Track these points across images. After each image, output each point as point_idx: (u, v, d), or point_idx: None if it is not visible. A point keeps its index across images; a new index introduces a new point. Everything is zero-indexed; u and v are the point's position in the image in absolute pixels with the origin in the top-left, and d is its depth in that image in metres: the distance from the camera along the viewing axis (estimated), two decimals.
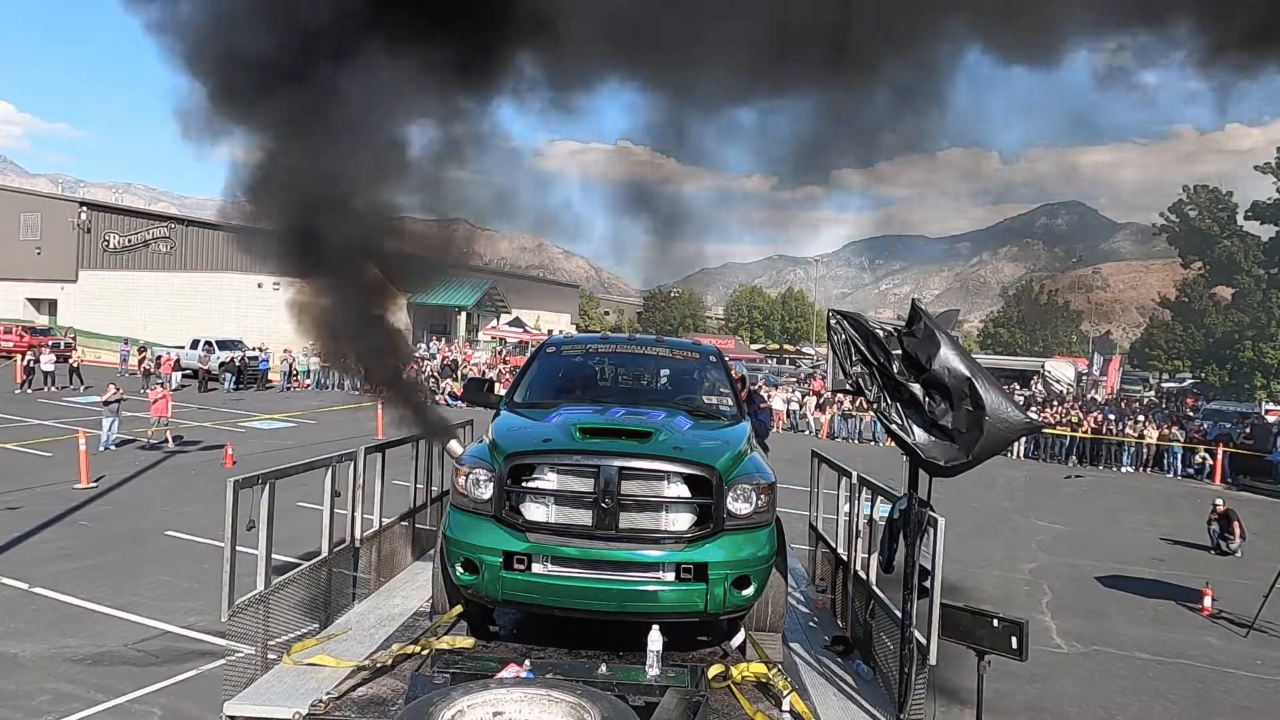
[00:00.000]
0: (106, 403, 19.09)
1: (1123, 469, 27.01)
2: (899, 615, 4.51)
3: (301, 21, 5.85)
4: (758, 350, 75.64)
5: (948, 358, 4.08)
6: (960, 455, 4.09)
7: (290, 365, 36.65)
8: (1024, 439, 26.96)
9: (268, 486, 4.88)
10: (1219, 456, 25.72)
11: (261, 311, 43.42)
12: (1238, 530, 15.26)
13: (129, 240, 50.03)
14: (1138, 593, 12.67)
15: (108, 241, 48.84)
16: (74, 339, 39.77)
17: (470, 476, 4.66)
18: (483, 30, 6.23)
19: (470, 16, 6.09)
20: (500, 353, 47.32)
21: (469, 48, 6.30)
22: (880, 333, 4.31)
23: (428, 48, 6.05)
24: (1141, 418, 29.19)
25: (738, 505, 4.56)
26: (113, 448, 18.93)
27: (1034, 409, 30.66)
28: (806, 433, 30.94)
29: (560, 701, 3.44)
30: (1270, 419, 28.86)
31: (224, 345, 35.79)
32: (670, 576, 4.43)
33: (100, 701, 7.18)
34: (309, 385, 36.52)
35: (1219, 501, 16.03)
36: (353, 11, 5.94)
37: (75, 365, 31.40)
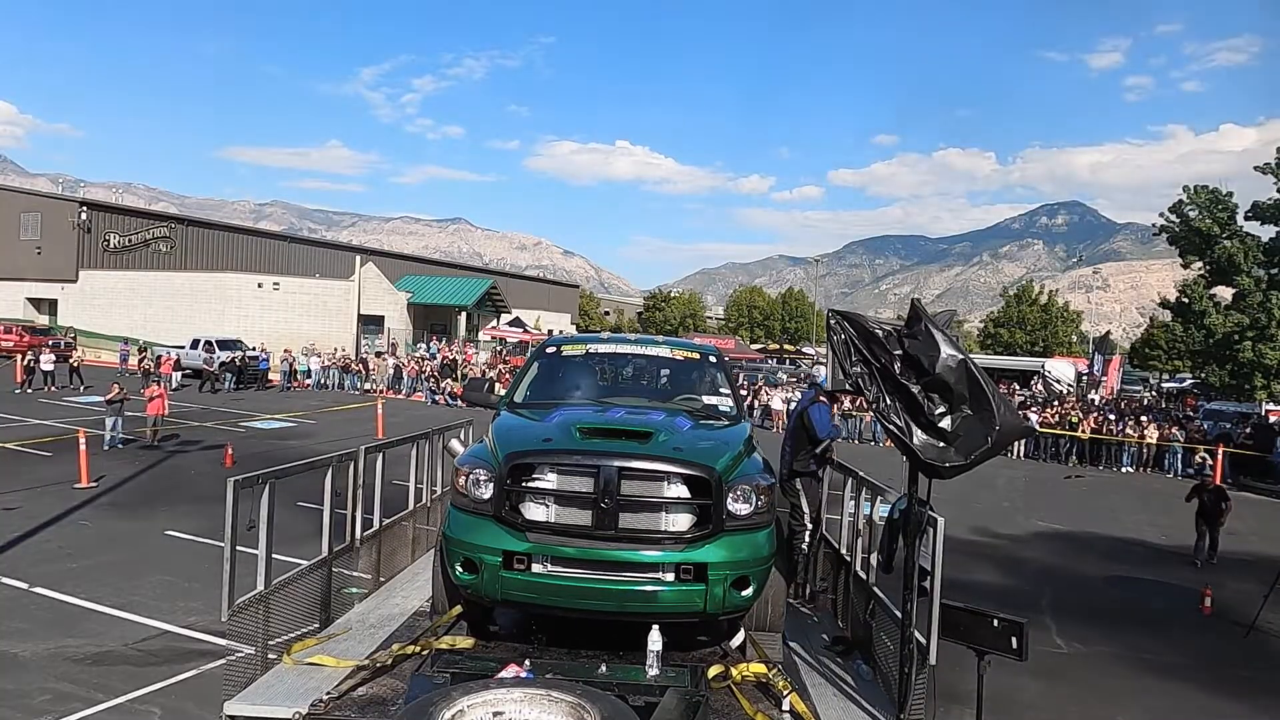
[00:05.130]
0: (110, 402, 19.13)
1: (1123, 469, 27.03)
2: (899, 615, 4.51)
3: None
4: (758, 350, 75.57)
5: (948, 359, 4.08)
6: (959, 457, 4.08)
7: (290, 365, 36.67)
8: (1024, 439, 27.03)
9: (268, 486, 4.89)
10: (1219, 456, 25.73)
11: (261, 311, 43.51)
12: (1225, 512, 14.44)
13: (129, 240, 50.02)
14: (1138, 593, 12.68)
15: (108, 241, 48.83)
16: (74, 339, 39.79)
17: (470, 476, 4.66)
18: None
19: None
20: (500, 353, 47.30)
21: None
22: (880, 333, 4.31)
23: None
24: (1144, 418, 29.19)
25: (737, 506, 4.56)
26: (119, 446, 18.95)
27: (1034, 409, 30.68)
28: None
29: (560, 701, 3.44)
30: (1270, 419, 28.86)
31: (224, 345, 35.80)
32: (670, 577, 4.43)
33: (100, 701, 7.18)
34: (309, 385, 36.55)
35: (1209, 473, 15.96)
36: None
37: (75, 365, 31.41)
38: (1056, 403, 33.40)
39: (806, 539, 6.91)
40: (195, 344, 36.25)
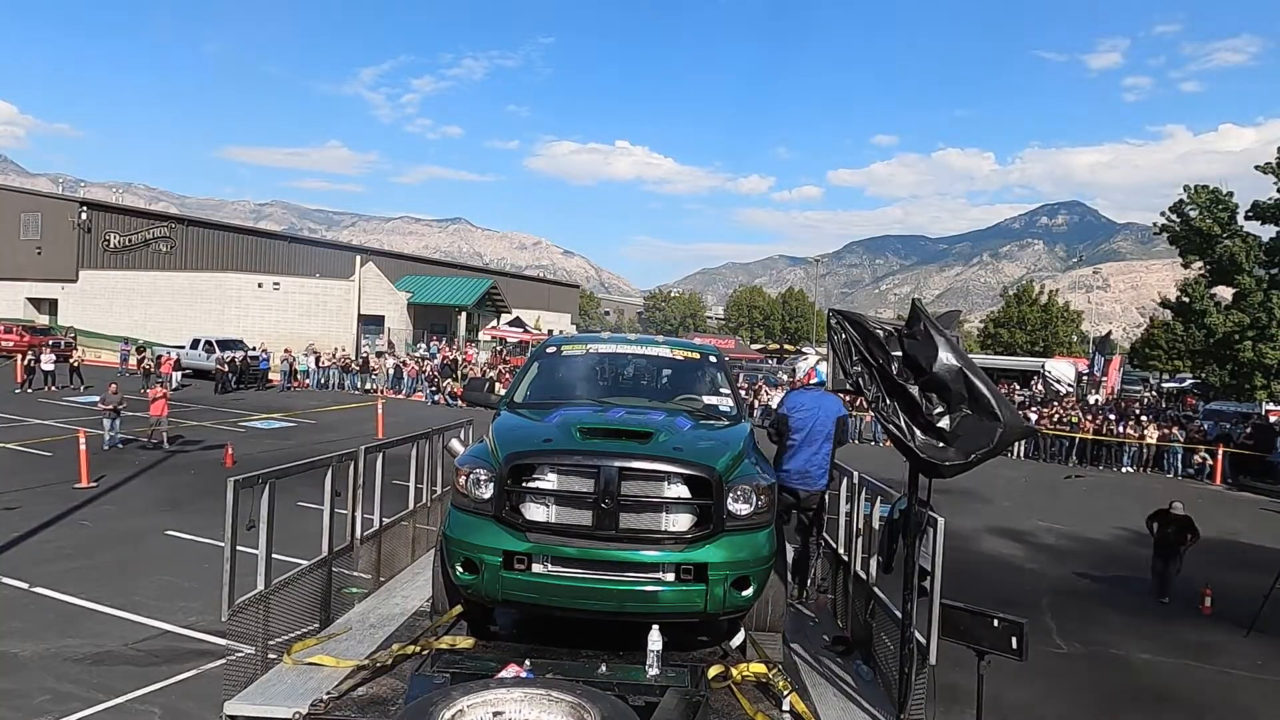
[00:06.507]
0: (113, 409, 19.02)
1: (1123, 469, 27.02)
2: (899, 615, 4.51)
3: None
4: (758, 350, 75.60)
5: (946, 359, 4.08)
6: (958, 457, 4.08)
7: (290, 365, 36.68)
8: (1024, 439, 27.04)
9: (268, 486, 4.89)
10: (1219, 456, 25.74)
11: (261, 311, 43.52)
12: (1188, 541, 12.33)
13: (129, 240, 50.02)
14: (1138, 593, 12.68)
15: (108, 241, 48.84)
16: (74, 338, 39.79)
17: (471, 476, 4.66)
18: None
19: None
20: (500, 353, 47.30)
21: None
22: (880, 333, 4.30)
23: None
24: (1145, 418, 29.19)
25: (737, 506, 4.56)
26: (119, 446, 18.91)
27: (1034, 409, 30.67)
28: None
29: (560, 701, 3.44)
30: (1270, 419, 28.84)
31: (224, 345, 35.82)
32: (670, 577, 4.42)
33: (100, 701, 7.18)
34: (309, 385, 36.55)
35: (1178, 505, 12.73)
36: None
37: (75, 365, 31.42)
38: (1056, 403, 33.38)
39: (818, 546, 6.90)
40: (195, 344, 36.27)
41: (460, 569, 4.59)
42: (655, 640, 4.29)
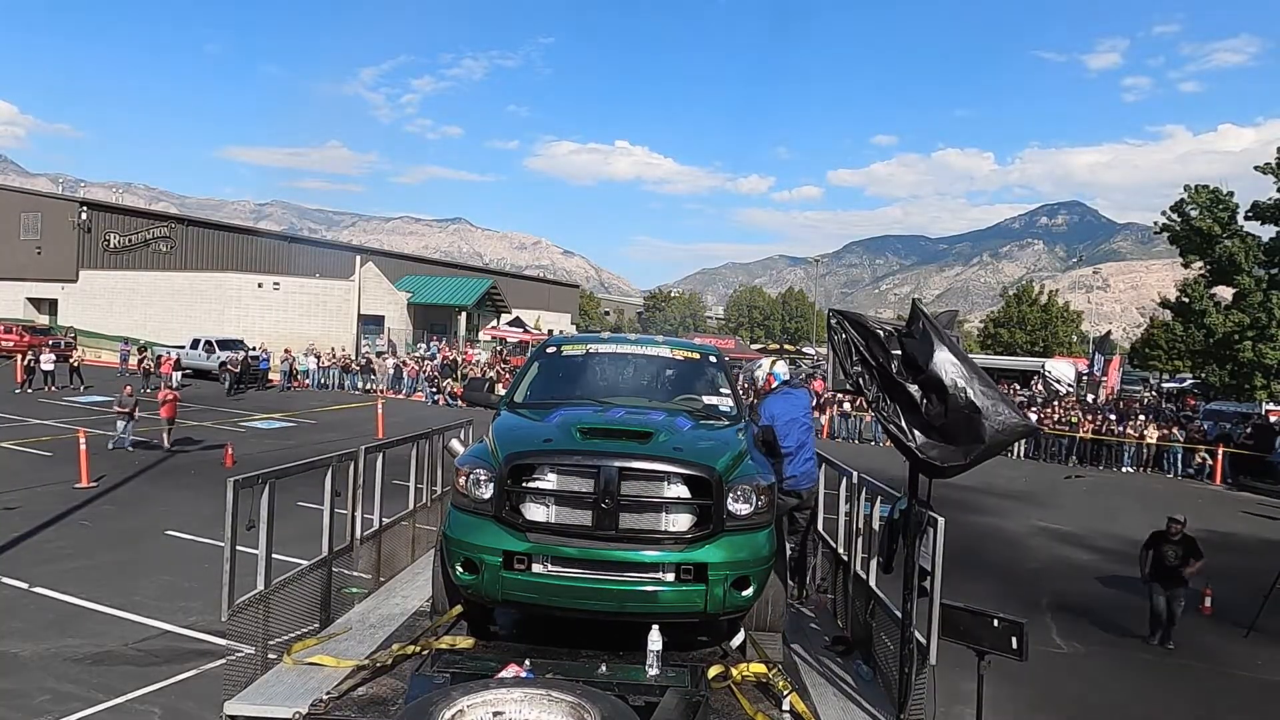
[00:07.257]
0: (129, 412, 18.95)
1: (1123, 469, 27.03)
2: (899, 615, 4.51)
3: None
4: (758, 350, 75.57)
5: (944, 359, 4.08)
6: (957, 457, 4.08)
7: (290, 365, 36.69)
8: (1025, 439, 27.05)
9: (268, 486, 4.89)
10: (1219, 456, 25.74)
11: (261, 311, 43.53)
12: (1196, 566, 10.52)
13: (129, 240, 50.05)
14: (1138, 593, 12.65)
15: (108, 241, 48.86)
16: (74, 338, 39.80)
17: (470, 476, 4.66)
18: None
19: None
20: (500, 353, 47.31)
21: None
22: (880, 333, 4.30)
23: None
24: (1143, 417, 29.19)
25: (737, 506, 4.56)
26: (129, 449, 18.84)
27: (1034, 409, 30.67)
28: None
29: (560, 701, 3.44)
30: (1271, 419, 28.85)
31: (225, 345, 35.83)
32: (670, 577, 4.42)
33: (100, 701, 7.18)
34: (309, 385, 36.56)
35: (1179, 521, 10.72)
36: None
37: (75, 365, 31.43)
38: (1056, 403, 33.38)
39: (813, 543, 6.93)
40: (195, 344, 36.29)
41: (460, 569, 4.59)
42: (655, 640, 4.29)
